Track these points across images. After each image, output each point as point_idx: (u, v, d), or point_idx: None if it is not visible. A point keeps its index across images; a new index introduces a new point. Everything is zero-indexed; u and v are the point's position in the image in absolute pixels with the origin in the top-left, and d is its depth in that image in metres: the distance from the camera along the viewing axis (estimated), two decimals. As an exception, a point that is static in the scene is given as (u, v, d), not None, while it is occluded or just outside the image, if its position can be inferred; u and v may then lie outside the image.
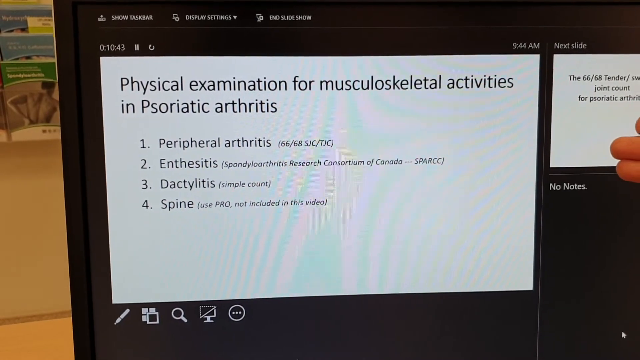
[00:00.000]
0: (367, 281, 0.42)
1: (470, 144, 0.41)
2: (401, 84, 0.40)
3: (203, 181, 0.40)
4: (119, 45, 0.39)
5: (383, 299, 0.42)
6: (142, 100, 0.39)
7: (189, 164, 0.40)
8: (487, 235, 0.42)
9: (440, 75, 0.41)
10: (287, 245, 0.41)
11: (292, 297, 0.42)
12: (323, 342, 0.42)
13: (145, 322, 0.41)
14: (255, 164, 0.40)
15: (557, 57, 0.41)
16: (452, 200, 0.42)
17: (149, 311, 0.41)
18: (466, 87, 0.41)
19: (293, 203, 0.41)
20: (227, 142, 0.40)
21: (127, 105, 0.39)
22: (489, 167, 0.41)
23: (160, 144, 0.40)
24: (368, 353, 0.43)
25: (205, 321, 0.42)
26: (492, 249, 0.42)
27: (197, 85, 0.40)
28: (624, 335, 0.44)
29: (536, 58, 0.41)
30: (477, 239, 0.42)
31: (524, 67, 0.41)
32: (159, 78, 0.39)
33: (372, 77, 0.40)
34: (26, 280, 1.57)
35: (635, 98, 0.42)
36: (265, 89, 0.40)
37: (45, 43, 1.40)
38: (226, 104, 0.40)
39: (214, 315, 0.42)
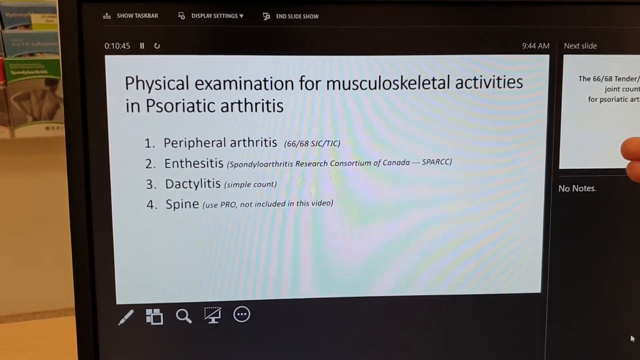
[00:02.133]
0: (374, 283, 0.42)
1: (478, 144, 0.41)
2: (409, 84, 0.40)
3: (208, 181, 0.40)
4: (124, 44, 0.39)
5: (390, 301, 0.42)
6: (147, 99, 0.39)
7: (194, 164, 0.40)
8: (495, 237, 0.42)
9: (448, 75, 0.40)
10: (293, 246, 0.41)
11: (298, 298, 0.41)
12: (328, 344, 0.42)
13: (150, 323, 0.41)
14: (261, 164, 0.40)
15: (567, 58, 0.40)
16: (460, 201, 0.41)
17: (153, 312, 0.41)
18: (475, 87, 0.40)
19: (299, 204, 0.40)
20: (233, 142, 0.40)
21: (132, 104, 0.39)
22: (497, 168, 0.41)
23: (165, 143, 0.40)
24: (375, 355, 0.42)
25: (210, 322, 0.41)
26: (500, 251, 0.42)
27: (202, 84, 0.39)
28: (632, 339, 0.43)
29: (546, 58, 0.40)
30: (485, 240, 0.42)
31: (533, 67, 0.40)
32: (164, 77, 0.39)
33: (379, 77, 0.40)
34: (28, 277, 1.57)
35: (645, 99, 0.41)
36: (271, 88, 0.40)
37: (49, 40, 1.40)
38: (232, 104, 0.39)
39: (219, 317, 0.41)
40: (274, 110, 0.40)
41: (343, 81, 0.40)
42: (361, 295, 0.42)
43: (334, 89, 0.40)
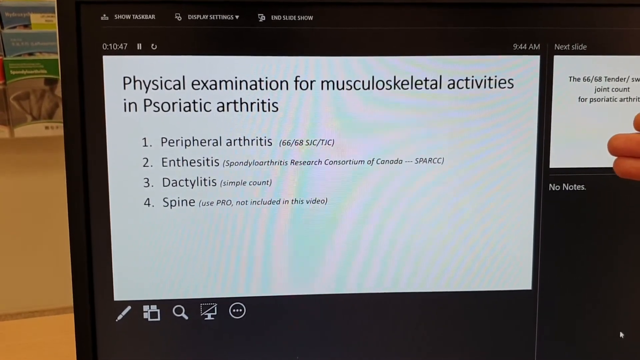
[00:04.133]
0: (367, 280, 0.42)
1: (470, 144, 0.41)
2: (402, 85, 0.41)
3: (204, 180, 0.41)
4: (121, 44, 0.39)
5: (382, 298, 0.42)
6: (145, 99, 0.40)
7: (190, 163, 0.40)
8: (487, 234, 0.42)
9: (440, 76, 0.41)
10: (288, 244, 0.42)
11: (293, 295, 0.42)
12: (323, 340, 0.43)
13: (147, 319, 0.42)
14: (257, 163, 0.41)
15: (557, 58, 0.41)
16: (451, 200, 0.42)
17: (150, 308, 0.42)
18: (467, 87, 0.41)
19: (294, 202, 0.41)
20: (229, 141, 0.40)
21: (130, 103, 0.40)
22: (489, 167, 0.42)
23: (162, 142, 0.40)
24: (368, 352, 0.43)
25: (206, 319, 0.42)
26: (491, 249, 0.42)
27: (199, 84, 0.40)
28: (622, 335, 0.44)
29: (536, 59, 0.41)
30: (477, 238, 0.42)
31: (524, 68, 0.41)
32: (161, 77, 0.40)
33: (373, 77, 0.40)
34: (28, 276, 1.57)
35: (635, 99, 0.42)
36: (266, 88, 0.40)
37: (48, 39, 1.40)
38: (228, 103, 0.40)
39: (215, 313, 0.42)
40: (269, 110, 0.40)
41: (337, 81, 0.40)
42: (354, 292, 0.42)
43: (328, 89, 0.40)
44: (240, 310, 0.42)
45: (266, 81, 0.40)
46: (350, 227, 0.42)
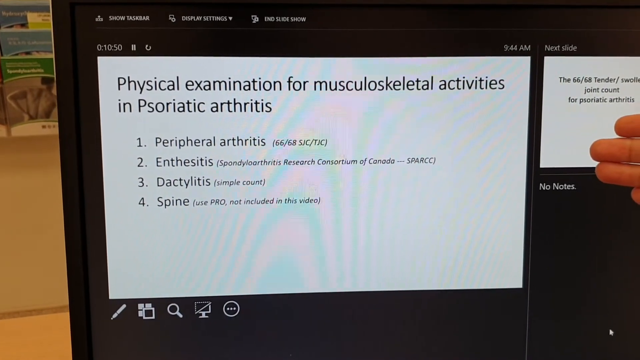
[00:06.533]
0: (359, 278, 0.43)
1: (461, 144, 0.42)
2: (394, 85, 0.41)
3: (199, 179, 0.41)
4: (116, 45, 0.40)
5: (375, 296, 0.43)
6: (139, 100, 0.40)
7: (184, 163, 0.41)
8: (478, 233, 0.43)
9: (432, 77, 0.41)
10: (282, 243, 0.42)
11: (287, 293, 0.43)
12: (317, 338, 0.43)
13: (142, 317, 0.42)
14: (250, 163, 0.41)
15: (547, 59, 0.42)
16: (443, 199, 0.42)
17: (145, 306, 0.42)
18: (458, 88, 0.41)
19: (287, 201, 0.42)
20: (223, 141, 0.41)
21: (124, 104, 0.40)
22: (480, 166, 0.42)
23: (156, 142, 0.40)
24: (361, 350, 0.44)
25: (200, 317, 0.42)
26: (482, 247, 0.43)
27: (193, 85, 0.40)
28: (611, 332, 0.44)
29: (527, 60, 0.41)
30: (468, 237, 0.43)
31: (515, 68, 0.41)
32: (155, 78, 0.40)
33: (365, 78, 0.41)
34: (25, 275, 1.57)
35: (624, 100, 0.42)
36: (260, 89, 0.41)
37: (45, 39, 1.40)
38: (221, 104, 0.40)
39: (209, 311, 0.42)
40: (262, 110, 0.41)
41: (330, 82, 0.41)
42: (347, 291, 0.43)
43: (320, 89, 0.41)
44: (234, 308, 0.43)
45: (259, 82, 0.40)
46: (343, 227, 0.42)
